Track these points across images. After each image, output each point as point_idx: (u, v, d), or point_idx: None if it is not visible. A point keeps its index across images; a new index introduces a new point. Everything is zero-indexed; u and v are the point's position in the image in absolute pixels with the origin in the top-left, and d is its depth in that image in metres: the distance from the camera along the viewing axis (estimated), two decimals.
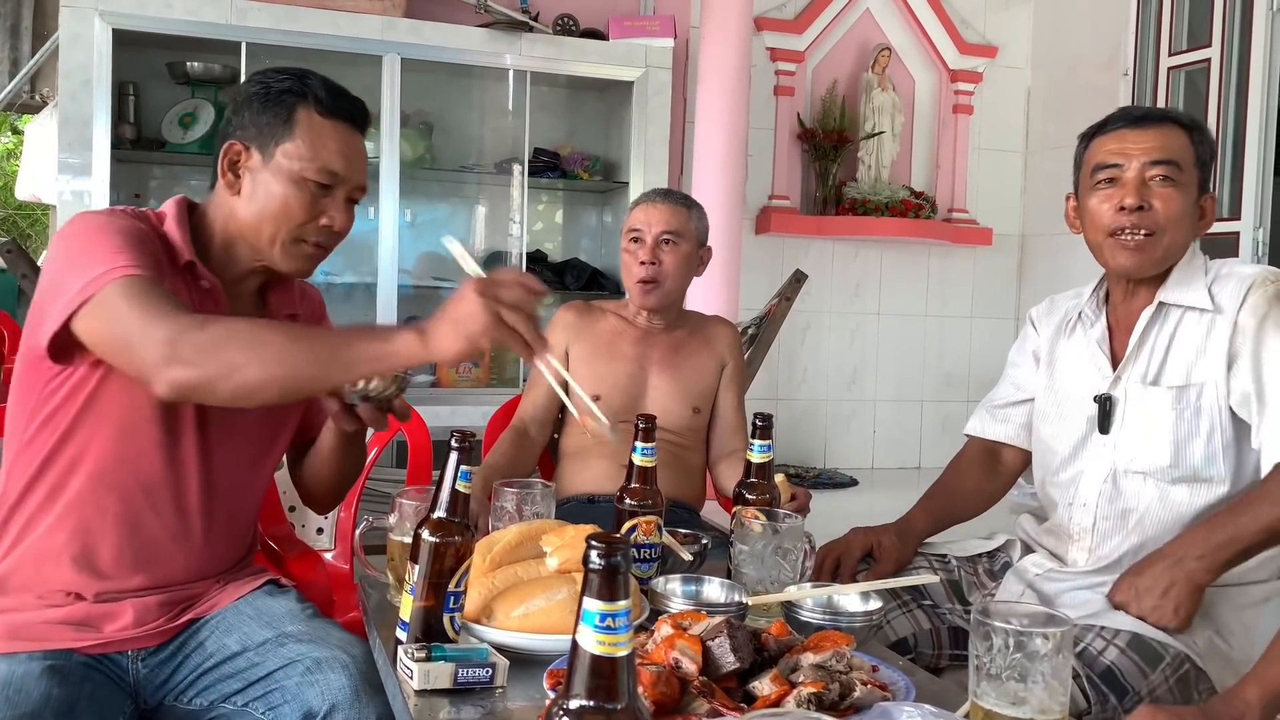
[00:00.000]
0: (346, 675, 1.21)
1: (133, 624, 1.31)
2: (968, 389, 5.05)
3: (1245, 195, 4.03)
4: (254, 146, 1.37)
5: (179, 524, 1.36)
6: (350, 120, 1.40)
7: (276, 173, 1.36)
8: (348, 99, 1.40)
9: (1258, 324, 1.42)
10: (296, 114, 1.36)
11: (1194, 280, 1.50)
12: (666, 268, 2.06)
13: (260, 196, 1.36)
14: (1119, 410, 1.53)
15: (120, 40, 3.44)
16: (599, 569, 0.67)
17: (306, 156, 1.35)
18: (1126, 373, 1.53)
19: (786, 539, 1.34)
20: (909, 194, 4.83)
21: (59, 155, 3.38)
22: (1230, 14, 4.12)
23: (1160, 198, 1.48)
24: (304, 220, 1.37)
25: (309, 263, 1.42)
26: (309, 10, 3.60)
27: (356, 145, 1.41)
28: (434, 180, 4.18)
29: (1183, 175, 1.48)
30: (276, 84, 1.38)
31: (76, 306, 1.20)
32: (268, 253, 1.38)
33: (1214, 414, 1.45)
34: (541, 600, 1.14)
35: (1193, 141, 1.50)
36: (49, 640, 1.26)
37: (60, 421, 1.30)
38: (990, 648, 0.97)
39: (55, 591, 1.30)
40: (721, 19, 4.07)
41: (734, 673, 1.01)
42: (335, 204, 1.39)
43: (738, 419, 2.19)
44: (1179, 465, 1.46)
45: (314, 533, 2.07)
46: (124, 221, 1.30)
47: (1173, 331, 1.51)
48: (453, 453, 1.11)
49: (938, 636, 1.59)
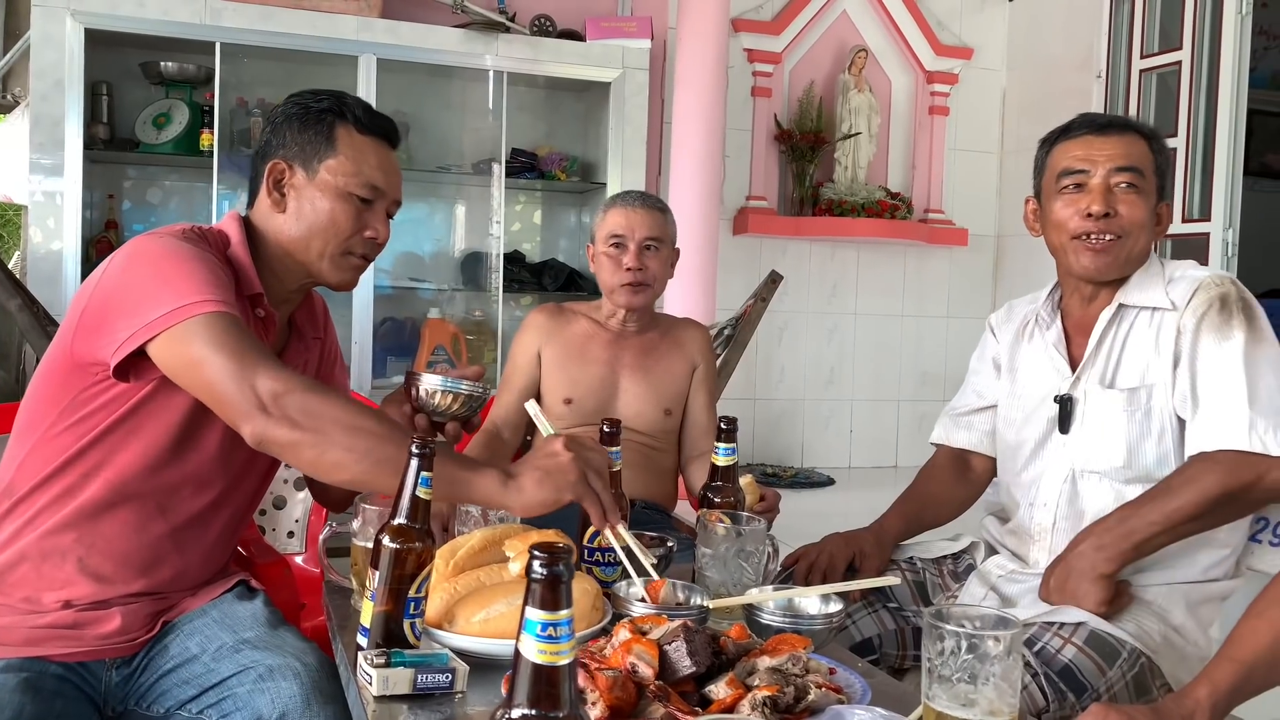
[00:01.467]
0: (298, 684, 1.21)
1: (117, 632, 1.31)
2: (944, 389, 5.09)
3: (1215, 196, 4.08)
4: (297, 164, 1.42)
5: (187, 529, 1.38)
6: (386, 137, 1.46)
7: (322, 188, 1.41)
8: (383, 118, 1.46)
9: (1196, 324, 1.45)
10: (337, 131, 1.42)
11: (1153, 283, 1.53)
12: (652, 272, 2.08)
13: (308, 212, 1.41)
14: (1078, 411, 1.55)
15: (93, 40, 3.42)
16: (541, 578, 0.67)
17: (350, 171, 1.41)
18: (1086, 373, 1.55)
19: (749, 542, 1.35)
20: (885, 195, 4.85)
21: (31, 155, 3.36)
22: (1201, 17, 4.16)
23: (1125, 204, 1.51)
24: (350, 233, 1.42)
25: (354, 274, 1.47)
26: (284, 10, 3.59)
27: (393, 162, 1.47)
28: (411, 181, 4.15)
29: (1145, 182, 1.52)
30: (315, 104, 1.43)
31: (158, 332, 1.22)
32: (316, 266, 1.43)
33: (1164, 415, 1.47)
34: (503, 605, 1.15)
35: (1152, 150, 1.54)
36: (31, 645, 1.25)
37: (92, 427, 1.31)
38: (942, 650, 0.98)
39: (49, 592, 1.29)
40: (699, 20, 4.09)
41: (690, 676, 1.01)
42: (377, 217, 1.45)
43: (709, 421, 2.21)
44: (1132, 466, 1.49)
45: (285, 536, 2.07)
46: (201, 249, 1.32)
47: (1127, 333, 1.53)
48: (413, 459, 1.11)
49: (902, 637, 1.61)
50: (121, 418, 1.31)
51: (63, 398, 1.32)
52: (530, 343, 2.17)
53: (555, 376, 2.13)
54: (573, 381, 2.11)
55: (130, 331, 1.23)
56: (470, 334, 4.14)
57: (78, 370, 1.31)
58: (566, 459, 1.20)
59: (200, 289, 1.24)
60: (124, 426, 1.31)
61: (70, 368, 1.31)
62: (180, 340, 1.21)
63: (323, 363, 1.60)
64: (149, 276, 1.27)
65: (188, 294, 1.23)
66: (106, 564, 1.32)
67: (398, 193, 1.48)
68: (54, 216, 3.40)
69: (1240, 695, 1.13)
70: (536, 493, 1.19)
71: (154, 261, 1.28)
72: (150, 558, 1.35)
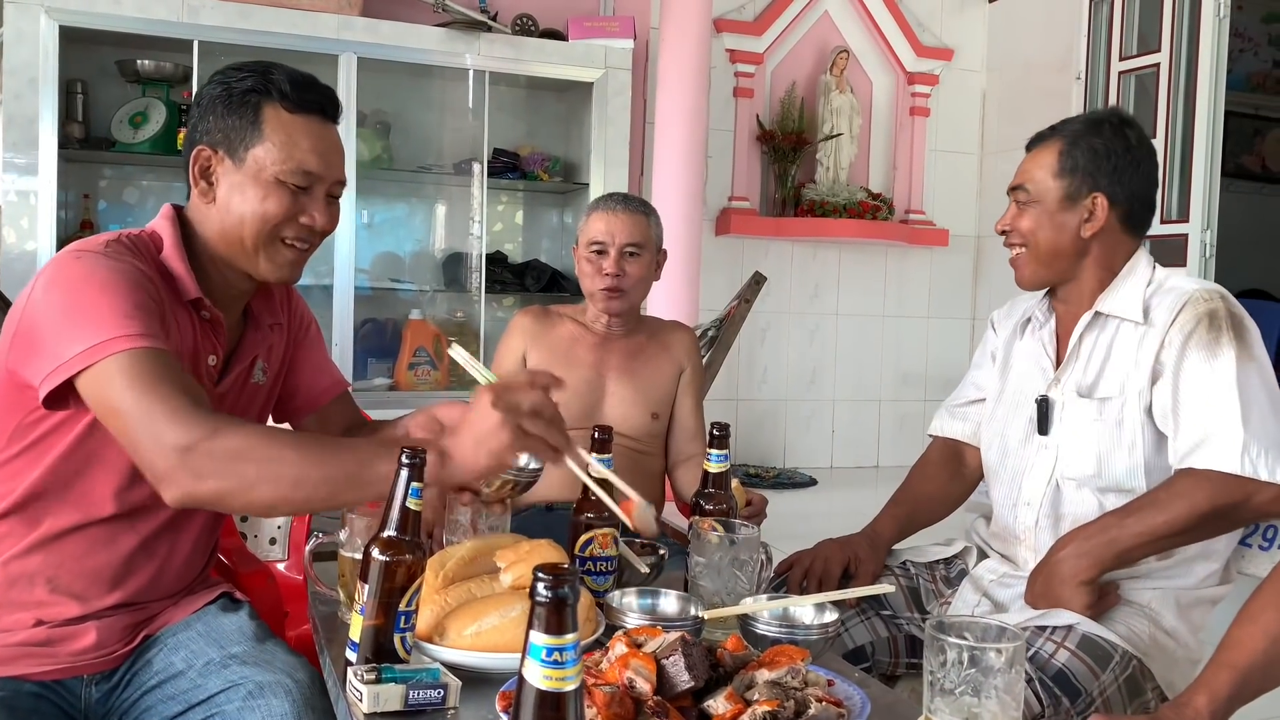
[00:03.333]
0: (289, 701, 1.19)
1: (93, 647, 1.27)
2: (925, 388, 5.11)
3: (1193, 198, 4.11)
4: (223, 150, 1.31)
5: (159, 538, 1.33)
6: (320, 113, 1.33)
7: (251, 177, 1.30)
8: (315, 89, 1.33)
9: (1183, 340, 1.44)
10: (263, 113, 1.30)
11: (1133, 291, 1.53)
12: (631, 278, 2.06)
13: (237, 203, 1.30)
14: (1055, 414, 1.56)
15: (68, 37, 3.37)
16: (546, 601, 0.65)
17: (280, 159, 1.29)
18: (1065, 376, 1.56)
19: (743, 550, 1.33)
20: (867, 195, 4.86)
21: (4, 155, 3.31)
22: (1179, 19, 4.19)
23: (1016, 217, 1.58)
24: (282, 223, 1.31)
25: (292, 267, 1.36)
26: (263, 8, 3.55)
27: (330, 139, 1.34)
28: (392, 180, 4.14)
29: (1031, 194, 1.56)
30: (238, 83, 1.31)
31: (76, 371, 1.15)
32: (250, 261, 1.33)
33: (1135, 427, 1.47)
34: (495, 618, 1.13)
35: (1060, 153, 1.55)
36: (3, 664, 1.22)
37: (46, 452, 1.25)
38: (944, 663, 0.97)
39: (20, 613, 1.25)
40: (681, 20, 4.08)
41: (689, 691, 1.00)
42: (315, 202, 1.33)
43: (696, 424, 2.19)
44: (1102, 475, 1.49)
45: (266, 543, 2.04)
46: (127, 267, 1.23)
47: (1109, 342, 1.53)
48: (402, 469, 1.08)
49: (894, 645, 1.60)
50: (77, 441, 1.24)
51: (10, 420, 1.26)
52: (516, 345, 2.15)
53: None
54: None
55: (51, 368, 1.16)
56: (452, 335, 4.11)
57: (20, 391, 1.23)
58: (495, 420, 1.12)
59: (119, 321, 1.16)
60: (81, 451, 1.25)
61: (12, 388, 1.24)
62: (98, 383, 1.15)
63: (289, 345, 1.52)
64: (68, 307, 1.18)
65: (105, 328, 1.15)
66: (78, 581, 1.28)
67: (339, 172, 1.35)
68: (28, 216, 3.34)
69: (1237, 701, 1.13)
70: (475, 463, 1.13)
71: (73, 289, 1.19)
72: (123, 570, 1.30)
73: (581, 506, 1.39)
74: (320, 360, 1.57)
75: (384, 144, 4.00)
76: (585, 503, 1.39)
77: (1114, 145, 1.54)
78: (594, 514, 1.38)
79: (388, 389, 3.92)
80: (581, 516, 1.39)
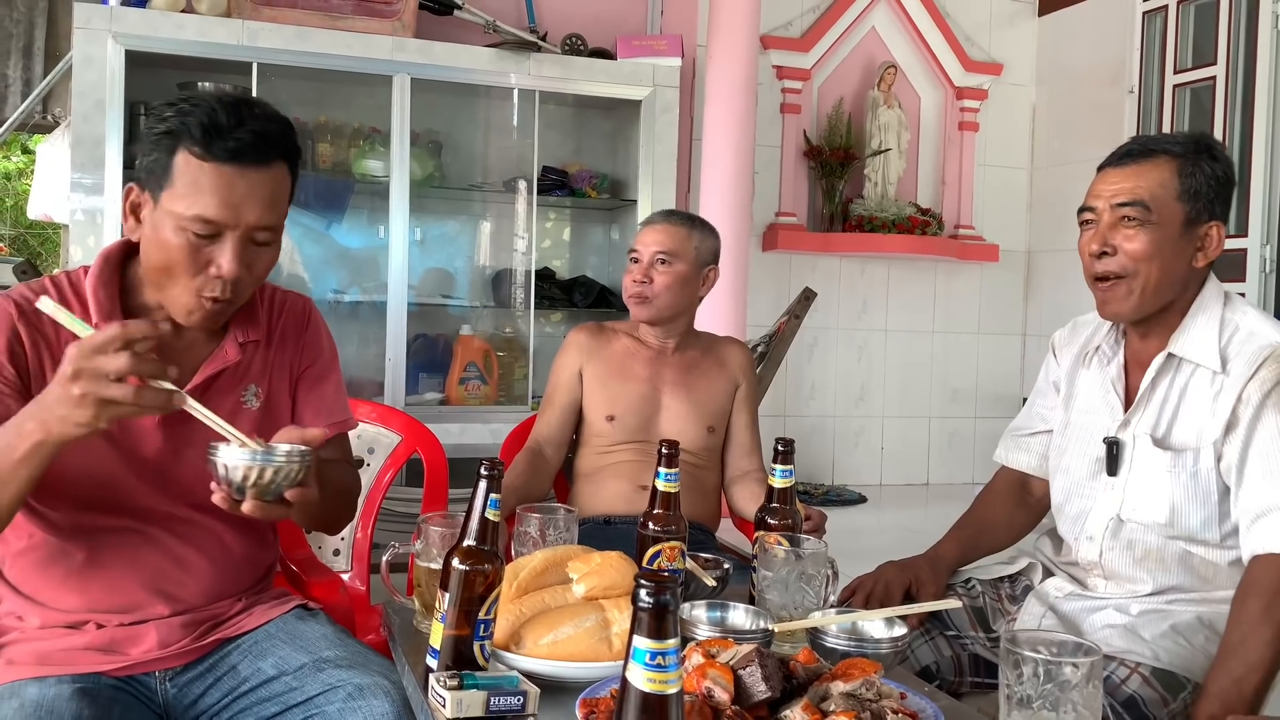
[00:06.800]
0: (390, 702, 1.22)
1: (157, 645, 1.32)
2: (975, 405, 5.06)
3: (1252, 212, 4.05)
4: (148, 189, 1.28)
5: (183, 551, 1.37)
6: (234, 160, 1.25)
7: (162, 219, 1.26)
8: (234, 135, 1.24)
9: (1261, 399, 1.39)
10: (175, 157, 1.25)
11: (1206, 333, 1.46)
12: (656, 286, 2.09)
13: (154, 244, 1.28)
14: (1126, 456, 1.51)
15: (133, 61, 3.46)
16: (649, 608, 0.67)
17: (182, 206, 1.24)
18: (1136, 418, 1.51)
19: (810, 565, 1.34)
20: (915, 211, 4.85)
21: (72, 175, 3.40)
22: (1235, 32, 4.14)
23: (1126, 239, 1.44)
24: (190, 272, 1.26)
25: (206, 317, 1.31)
26: (320, 31, 3.63)
27: (243, 185, 1.25)
28: (443, 198, 4.20)
29: (1153, 214, 1.43)
30: (160, 122, 1.27)
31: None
32: (168, 301, 1.30)
33: (1209, 479, 1.43)
34: (570, 628, 1.15)
35: (1180, 173, 1.44)
36: (77, 665, 1.27)
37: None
38: (1020, 676, 0.97)
39: (78, 620, 1.31)
40: (728, 38, 4.10)
41: (765, 701, 1.01)
42: (223, 250, 1.26)
43: (751, 439, 2.20)
44: (1175, 525, 1.46)
45: (330, 554, 2.08)
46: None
47: (1184, 387, 1.48)
48: (481, 480, 1.11)
49: (959, 663, 1.59)
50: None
51: None
52: (572, 361, 2.18)
53: (597, 394, 2.13)
54: (613, 399, 2.12)
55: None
56: (501, 351, 4.15)
57: None
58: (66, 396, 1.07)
59: None
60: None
61: None
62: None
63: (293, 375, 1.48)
64: None
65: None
66: (118, 596, 1.32)
67: (255, 217, 1.27)
68: (94, 235, 3.43)
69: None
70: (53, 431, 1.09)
71: None
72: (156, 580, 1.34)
73: (647, 520, 1.41)
74: (317, 400, 1.49)
75: (436, 162, 4.06)
76: (651, 516, 1.41)
77: (1224, 171, 1.46)
78: (660, 527, 1.40)
79: (439, 404, 3.96)
80: (648, 529, 1.40)
